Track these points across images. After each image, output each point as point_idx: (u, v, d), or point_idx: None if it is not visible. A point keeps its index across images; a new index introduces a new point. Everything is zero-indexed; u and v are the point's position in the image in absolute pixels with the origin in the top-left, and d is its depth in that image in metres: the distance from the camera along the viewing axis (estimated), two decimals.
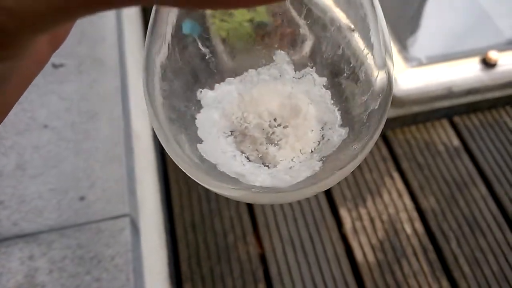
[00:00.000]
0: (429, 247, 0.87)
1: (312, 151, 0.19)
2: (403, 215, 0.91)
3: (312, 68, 0.19)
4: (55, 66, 0.54)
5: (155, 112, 0.17)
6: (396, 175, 0.97)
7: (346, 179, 0.95)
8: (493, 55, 1.00)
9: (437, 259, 0.86)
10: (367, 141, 0.18)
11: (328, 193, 0.94)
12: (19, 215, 0.44)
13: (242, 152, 0.19)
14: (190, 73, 0.18)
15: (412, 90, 0.98)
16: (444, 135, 1.03)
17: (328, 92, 0.19)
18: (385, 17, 0.17)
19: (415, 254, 0.86)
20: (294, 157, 0.18)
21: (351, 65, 0.18)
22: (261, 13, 0.17)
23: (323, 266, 0.84)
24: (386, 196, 0.94)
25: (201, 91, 0.18)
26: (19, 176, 0.46)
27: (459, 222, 0.91)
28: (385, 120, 0.18)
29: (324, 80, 0.19)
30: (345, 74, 0.18)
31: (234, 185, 0.18)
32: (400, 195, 0.94)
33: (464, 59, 1.02)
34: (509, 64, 1.02)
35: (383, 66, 0.17)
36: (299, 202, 0.91)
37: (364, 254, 0.86)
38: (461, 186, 0.95)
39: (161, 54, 0.17)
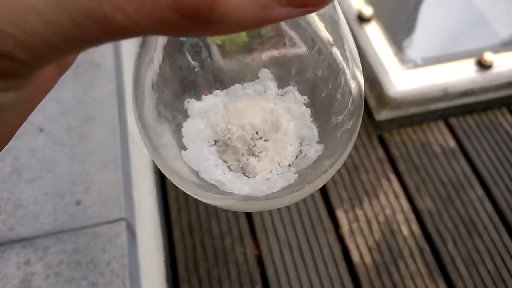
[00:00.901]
0: (426, 248, 0.88)
1: (289, 165, 0.20)
2: (400, 217, 0.92)
3: (294, 86, 0.20)
4: None
5: (142, 119, 0.18)
6: (392, 176, 0.97)
7: (343, 180, 0.96)
8: (488, 56, 1.01)
9: (434, 260, 0.86)
10: (338, 157, 0.19)
11: (325, 194, 0.94)
12: (15, 219, 0.44)
13: (225, 162, 0.20)
14: (179, 84, 0.19)
15: (408, 91, 0.99)
16: (440, 137, 1.04)
17: (308, 110, 0.20)
18: (381, 19, 0.18)
19: (412, 255, 0.87)
20: (272, 169, 0.19)
21: (329, 86, 0.19)
22: None
23: (320, 267, 0.84)
24: (382, 198, 0.94)
25: (188, 101, 0.19)
26: (14, 180, 0.46)
27: (455, 223, 0.91)
28: (355, 139, 0.19)
29: (304, 98, 0.20)
30: (323, 95, 0.19)
31: (214, 192, 0.19)
32: (396, 197, 0.94)
33: (459, 61, 1.02)
34: (504, 66, 1.03)
35: (357, 86, 0.19)
36: (296, 204, 0.91)
37: (361, 256, 0.86)
38: (457, 187, 0.96)
39: (153, 65, 0.17)
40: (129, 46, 0.74)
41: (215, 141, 0.20)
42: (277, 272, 0.84)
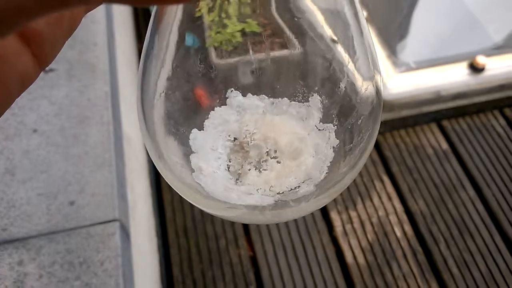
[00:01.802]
0: (419, 249, 0.89)
1: (278, 193, 0.19)
2: (393, 218, 0.92)
3: (334, 127, 0.19)
4: (45, 71, 0.54)
5: (148, 124, 0.18)
6: (386, 178, 0.98)
7: None
8: (480, 60, 1.02)
9: (426, 261, 0.87)
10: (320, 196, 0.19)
11: None
12: (8, 220, 0.44)
13: (229, 160, 0.20)
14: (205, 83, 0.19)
15: (401, 94, 1.00)
16: (433, 139, 1.05)
17: (333, 155, 0.19)
18: (374, 22, 0.18)
19: (404, 256, 0.87)
20: (260, 188, 0.19)
21: (360, 137, 0.18)
22: (251, 24, 0.18)
23: (314, 268, 0.85)
24: (376, 199, 0.94)
25: (232, 91, 0.20)
26: (8, 181, 0.46)
27: (448, 224, 0.92)
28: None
29: (337, 143, 0.19)
30: (351, 145, 0.19)
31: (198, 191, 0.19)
32: (389, 198, 0.95)
33: (452, 64, 1.03)
34: (496, 69, 1.04)
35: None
36: None
37: (354, 257, 0.87)
38: (450, 189, 0.97)
39: (163, 73, 0.18)
40: (123, 47, 0.74)
41: (234, 138, 0.20)
42: (271, 273, 0.84)
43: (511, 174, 0.99)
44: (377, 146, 1.03)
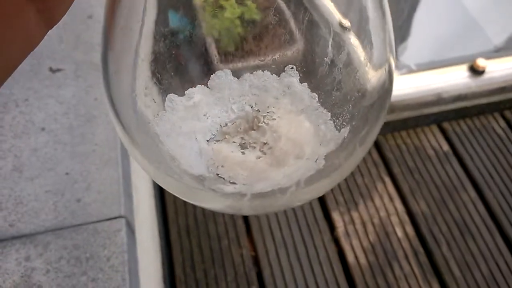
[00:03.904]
0: (420, 250, 0.89)
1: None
2: (394, 219, 0.93)
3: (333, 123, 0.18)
4: (52, 71, 0.55)
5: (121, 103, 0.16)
6: (387, 179, 0.98)
7: (339, 184, 0.96)
8: (481, 62, 1.03)
9: (428, 262, 0.88)
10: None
11: (320, 197, 0.95)
12: (16, 216, 0.45)
13: (226, 135, 0.19)
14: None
15: (402, 96, 1.01)
16: (434, 140, 1.05)
17: (324, 163, 0.18)
18: None
19: (406, 257, 0.88)
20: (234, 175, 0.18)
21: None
22: (252, 9, 0.16)
23: (316, 268, 0.85)
24: (377, 200, 0.95)
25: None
26: (16, 178, 0.47)
27: (449, 225, 0.92)
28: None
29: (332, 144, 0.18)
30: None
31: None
32: (391, 199, 0.95)
33: (453, 66, 1.04)
34: (496, 71, 1.05)
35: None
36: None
37: (356, 257, 0.87)
38: (451, 190, 0.97)
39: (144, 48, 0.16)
40: None
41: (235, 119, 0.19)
42: (273, 272, 0.84)
43: (511, 175, 0.99)
44: (379, 147, 1.03)
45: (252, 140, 0.19)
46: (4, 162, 0.48)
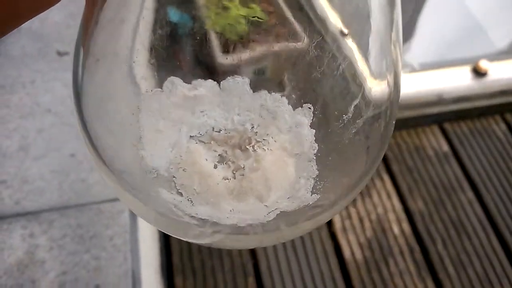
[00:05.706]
0: (416, 247, 0.90)
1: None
2: (392, 216, 0.94)
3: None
4: (60, 54, 0.56)
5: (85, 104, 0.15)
6: (386, 177, 0.99)
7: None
8: (483, 64, 1.04)
9: (423, 260, 0.89)
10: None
11: None
12: (21, 194, 0.46)
13: (215, 151, 0.17)
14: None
15: (404, 95, 1.01)
16: (434, 141, 1.06)
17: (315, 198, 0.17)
18: None
19: (401, 253, 0.89)
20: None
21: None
22: (256, 9, 0.15)
23: (312, 262, 0.86)
24: (375, 197, 0.96)
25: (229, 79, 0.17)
26: (22, 157, 0.48)
27: (445, 224, 0.93)
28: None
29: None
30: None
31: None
32: (389, 196, 0.96)
33: (455, 67, 1.05)
34: (499, 74, 1.05)
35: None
36: None
37: (352, 252, 0.88)
38: (449, 190, 0.98)
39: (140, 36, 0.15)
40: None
41: (220, 129, 0.17)
42: (270, 264, 0.85)
43: (510, 178, 1.00)
44: None
45: (232, 158, 0.17)
46: (10, 141, 0.49)
